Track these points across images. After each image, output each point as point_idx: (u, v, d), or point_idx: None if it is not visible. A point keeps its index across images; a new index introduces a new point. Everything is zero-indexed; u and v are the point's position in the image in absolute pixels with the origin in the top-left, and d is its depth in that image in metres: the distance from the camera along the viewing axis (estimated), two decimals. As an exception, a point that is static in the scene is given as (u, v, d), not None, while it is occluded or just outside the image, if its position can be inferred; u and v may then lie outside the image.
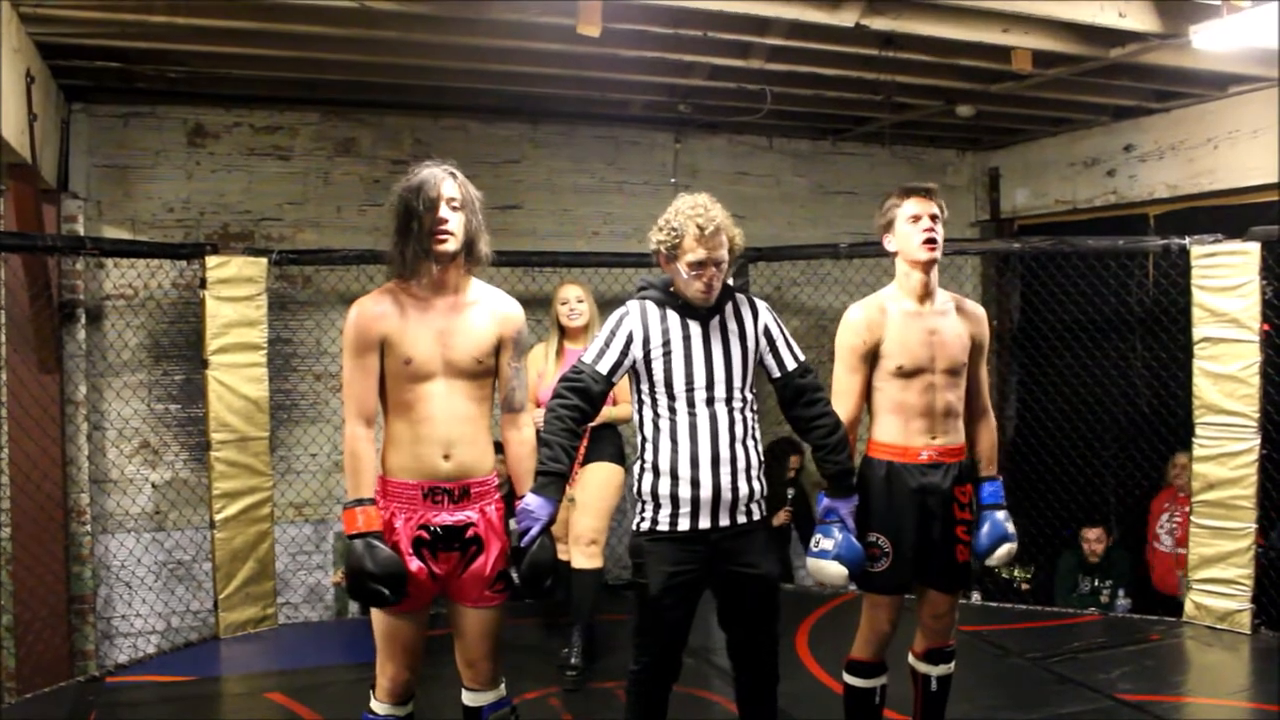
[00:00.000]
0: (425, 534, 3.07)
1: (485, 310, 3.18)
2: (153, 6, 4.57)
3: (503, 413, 3.31)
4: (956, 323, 3.62)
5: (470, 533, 3.12)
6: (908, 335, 3.54)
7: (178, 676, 5.14)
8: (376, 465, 3.12)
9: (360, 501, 3.02)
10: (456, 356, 3.10)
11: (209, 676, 5.20)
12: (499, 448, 3.31)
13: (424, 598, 3.14)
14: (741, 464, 3.29)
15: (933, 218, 3.54)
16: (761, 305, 3.45)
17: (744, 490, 3.29)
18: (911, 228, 3.54)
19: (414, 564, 3.06)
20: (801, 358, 3.41)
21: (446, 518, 3.09)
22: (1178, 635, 5.54)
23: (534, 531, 3.13)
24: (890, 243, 3.61)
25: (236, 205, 6.48)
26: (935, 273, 3.61)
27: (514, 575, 3.16)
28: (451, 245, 3.07)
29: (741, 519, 3.31)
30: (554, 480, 3.19)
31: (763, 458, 3.41)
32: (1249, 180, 6.25)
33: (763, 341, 3.38)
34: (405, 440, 3.09)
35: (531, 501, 3.15)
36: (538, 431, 3.32)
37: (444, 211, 3.05)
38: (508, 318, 3.22)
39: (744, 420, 3.32)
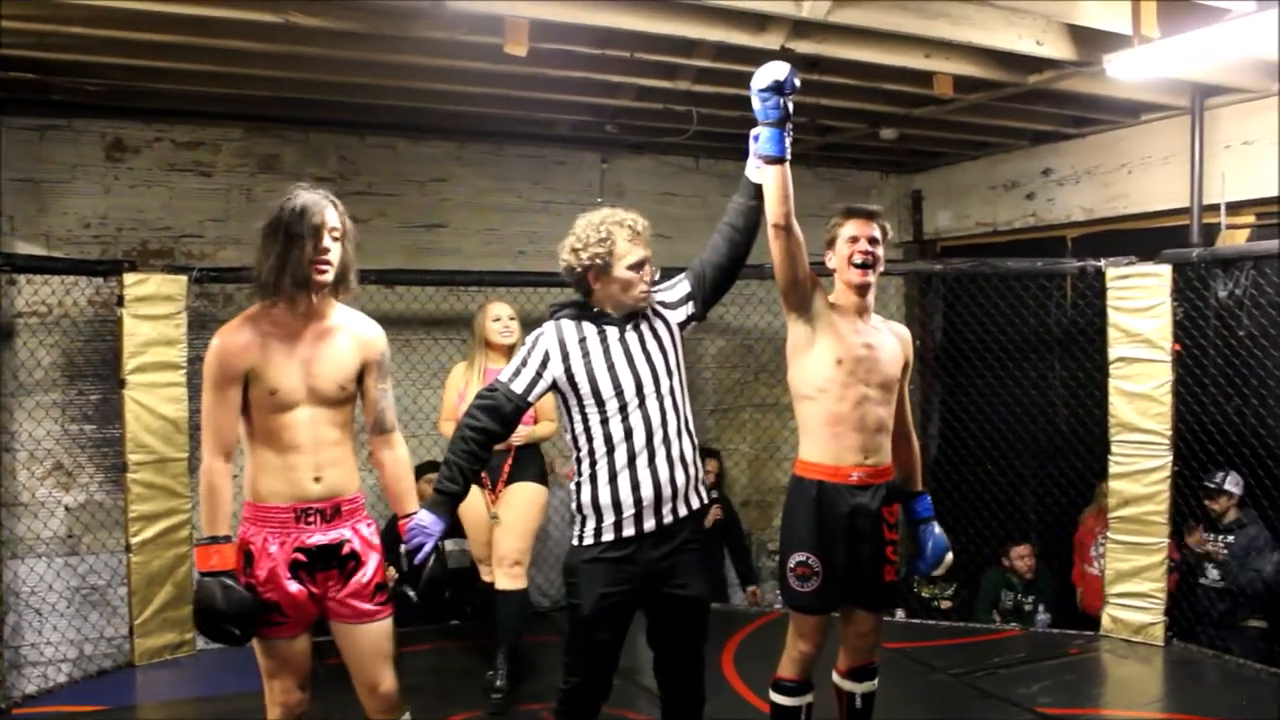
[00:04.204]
0: (302, 556, 3.04)
1: (348, 335, 3.16)
2: (70, 17, 4.47)
3: (374, 435, 3.29)
4: (890, 340, 3.68)
5: (347, 549, 3.10)
6: (849, 336, 3.57)
7: (90, 706, 4.98)
8: (232, 500, 3.07)
9: (215, 539, 2.97)
10: (321, 385, 3.07)
11: (123, 706, 5.05)
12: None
13: (306, 620, 3.12)
14: (676, 452, 3.30)
15: (871, 240, 3.58)
16: (657, 304, 3.43)
17: (681, 480, 3.31)
18: (848, 249, 3.59)
19: (293, 586, 3.04)
20: (686, 276, 3.47)
21: (320, 537, 3.07)
22: (1095, 649, 5.66)
23: (427, 548, 3.16)
24: (830, 260, 3.66)
25: (156, 222, 6.34)
26: (871, 296, 3.66)
27: (410, 593, 3.16)
28: (330, 276, 3.05)
29: (683, 510, 3.33)
30: (448, 499, 3.22)
31: (696, 442, 3.42)
32: (1160, 205, 6.42)
33: (675, 326, 3.42)
34: (274, 466, 3.05)
35: (425, 518, 3.17)
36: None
37: (326, 241, 3.02)
38: (370, 342, 3.21)
39: (676, 411, 3.34)
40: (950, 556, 3.78)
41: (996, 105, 6.09)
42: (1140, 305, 5.60)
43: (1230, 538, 5.68)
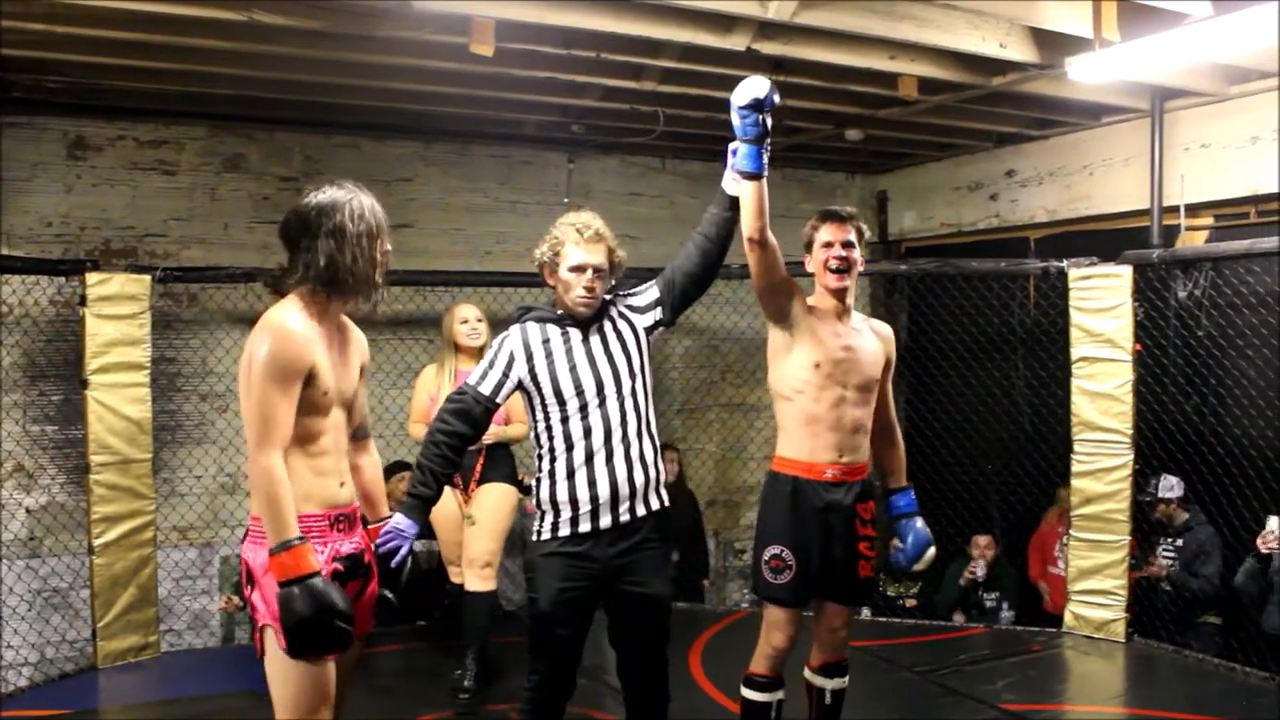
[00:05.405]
0: (340, 565, 2.88)
1: (352, 340, 3.09)
2: (30, 14, 4.42)
3: (353, 440, 3.15)
4: (872, 340, 3.72)
5: (367, 557, 3.03)
6: (828, 339, 3.60)
7: (53, 710, 4.90)
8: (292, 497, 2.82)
9: (287, 544, 2.68)
10: (347, 388, 3.00)
11: (86, 709, 4.99)
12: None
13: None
14: (636, 452, 3.34)
15: (846, 245, 3.60)
16: (625, 308, 3.47)
17: (640, 479, 3.34)
18: (823, 255, 3.62)
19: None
20: (656, 282, 3.49)
21: (348, 545, 2.94)
22: (1058, 645, 5.72)
23: (404, 551, 3.16)
24: (809, 263, 3.70)
25: (119, 221, 6.29)
26: (850, 298, 3.69)
27: (390, 596, 3.12)
28: (382, 281, 2.98)
29: (641, 509, 3.35)
30: (422, 503, 3.26)
31: (658, 444, 3.45)
32: (1121, 206, 6.51)
33: (641, 330, 3.44)
34: (303, 471, 2.85)
35: (401, 521, 3.17)
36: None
37: (389, 244, 2.98)
38: (364, 348, 3.14)
39: (637, 413, 3.36)
40: (933, 551, 3.82)
41: (960, 107, 6.15)
42: (1102, 305, 5.67)
43: (1180, 541, 5.76)
